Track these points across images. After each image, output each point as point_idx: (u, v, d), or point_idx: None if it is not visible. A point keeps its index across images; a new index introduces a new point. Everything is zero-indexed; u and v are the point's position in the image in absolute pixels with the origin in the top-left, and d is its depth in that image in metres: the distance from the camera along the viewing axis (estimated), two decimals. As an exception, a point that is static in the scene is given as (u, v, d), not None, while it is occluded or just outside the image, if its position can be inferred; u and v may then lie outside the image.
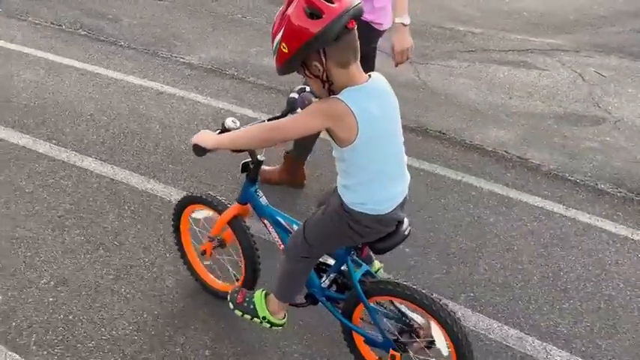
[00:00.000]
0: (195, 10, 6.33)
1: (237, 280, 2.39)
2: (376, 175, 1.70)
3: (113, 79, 4.44)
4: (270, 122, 1.81)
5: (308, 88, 1.97)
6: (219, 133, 1.91)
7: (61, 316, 2.31)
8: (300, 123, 1.69)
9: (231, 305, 2.07)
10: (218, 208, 2.22)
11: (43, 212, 2.88)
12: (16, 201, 2.94)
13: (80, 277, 2.50)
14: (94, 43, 5.19)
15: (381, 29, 2.81)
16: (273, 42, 1.61)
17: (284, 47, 1.56)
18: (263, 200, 2.14)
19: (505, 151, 3.84)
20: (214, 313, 2.38)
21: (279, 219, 2.13)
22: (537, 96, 4.77)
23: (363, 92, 1.61)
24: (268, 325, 2.03)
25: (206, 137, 1.84)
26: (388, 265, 2.43)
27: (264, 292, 2.05)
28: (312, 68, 1.59)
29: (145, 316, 2.35)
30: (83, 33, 5.42)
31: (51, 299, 2.39)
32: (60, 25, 5.55)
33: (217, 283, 2.46)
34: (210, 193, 2.30)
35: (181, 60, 4.96)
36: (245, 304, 2.04)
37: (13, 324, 2.26)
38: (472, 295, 2.59)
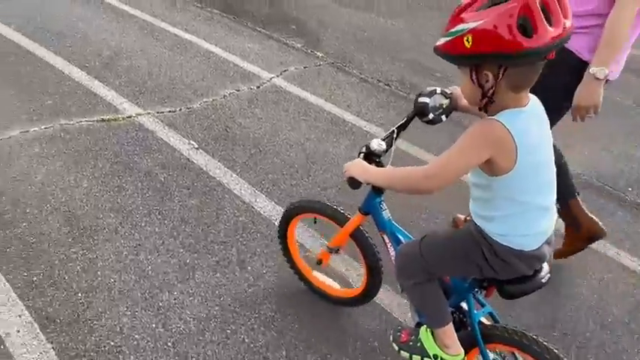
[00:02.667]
0: None
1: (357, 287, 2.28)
2: (527, 207, 1.47)
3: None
4: (424, 168, 1.49)
5: (439, 90, 1.77)
6: (364, 155, 1.76)
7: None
8: (460, 161, 1.41)
9: (395, 346, 1.82)
10: (335, 217, 2.09)
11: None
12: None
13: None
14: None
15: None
16: (453, 24, 1.33)
17: (467, 40, 1.29)
18: (386, 214, 1.94)
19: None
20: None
21: (399, 236, 1.93)
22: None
23: (524, 116, 1.39)
24: None
25: (359, 170, 1.67)
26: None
27: (428, 328, 1.76)
28: (481, 76, 1.36)
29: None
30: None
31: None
32: (388, 85, 4.56)
33: (336, 290, 2.31)
34: (325, 202, 2.17)
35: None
36: (411, 344, 1.78)
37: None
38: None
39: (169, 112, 3.68)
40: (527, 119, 1.39)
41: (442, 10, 6.20)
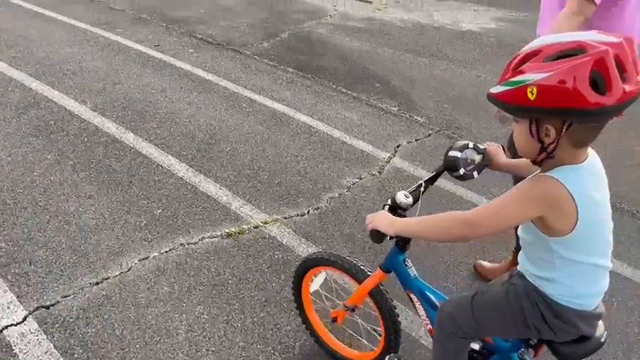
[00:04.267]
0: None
1: (373, 349, 2.08)
2: (589, 268, 1.35)
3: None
4: (466, 214, 1.36)
5: (471, 145, 1.67)
6: (389, 208, 1.62)
7: None
8: (507, 212, 1.30)
9: None
10: (354, 273, 1.93)
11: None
12: None
13: None
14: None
15: None
16: (514, 71, 1.21)
17: (532, 92, 1.17)
18: (412, 271, 1.79)
19: None
20: None
21: (429, 295, 1.78)
22: None
23: (582, 172, 1.27)
24: None
25: (385, 222, 1.52)
26: None
27: None
28: (542, 130, 1.23)
29: None
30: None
31: None
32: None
33: (352, 353, 2.15)
34: (346, 256, 1.96)
35: None
36: None
37: None
38: None
39: (298, 216, 3.08)
40: (587, 177, 1.28)
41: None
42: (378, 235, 1.53)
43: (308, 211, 3.13)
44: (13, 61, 4.89)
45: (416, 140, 4.11)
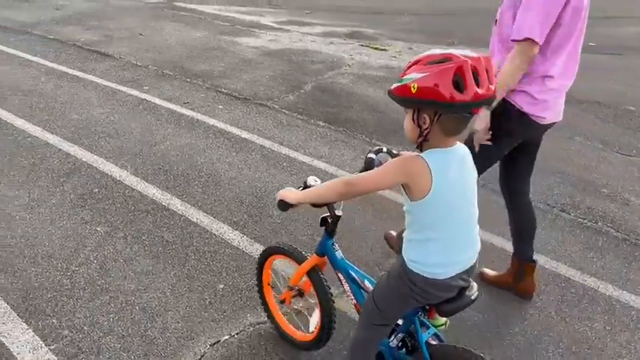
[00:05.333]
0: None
1: (312, 331, 2.38)
2: (439, 237, 1.65)
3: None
4: (348, 177, 1.74)
5: (385, 149, 2.02)
6: (302, 189, 1.93)
7: None
8: (378, 178, 1.65)
9: None
10: (297, 258, 2.27)
11: None
12: None
13: None
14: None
15: (543, 122, 2.54)
16: (405, 73, 1.57)
17: (414, 87, 1.53)
18: (339, 254, 2.15)
19: None
20: None
21: (353, 274, 2.12)
22: None
23: (446, 155, 1.61)
24: None
25: (290, 193, 1.87)
26: None
27: None
28: (421, 118, 1.58)
29: None
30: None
31: None
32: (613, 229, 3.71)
33: (297, 334, 2.47)
34: (291, 244, 2.34)
35: None
36: None
37: None
38: None
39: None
40: (450, 159, 1.60)
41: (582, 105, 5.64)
42: (284, 205, 1.88)
43: (373, 281, 2.99)
44: (47, 125, 4.81)
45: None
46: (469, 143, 2.33)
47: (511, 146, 2.65)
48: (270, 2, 13.35)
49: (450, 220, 1.63)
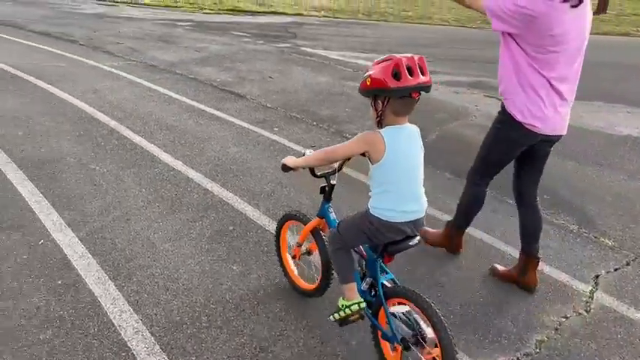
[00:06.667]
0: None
1: (315, 281, 2.94)
2: (391, 189, 2.19)
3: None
4: (329, 147, 2.33)
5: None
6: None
7: None
8: (348, 147, 2.22)
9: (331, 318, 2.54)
10: (305, 222, 2.83)
11: None
12: None
13: None
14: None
15: (538, 132, 2.89)
16: (367, 71, 2.15)
17: (368, 80, 2.11)
18: (332, 215, 2.69)
19: None
20: None
21: None
22: None
23: (398, 131, 2.16)
24: (349, 311, 2.42)
25: (289, 160, 2.52)
26: None
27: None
28: (376, 103, 2.16)
29: None
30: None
31: None
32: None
33: (303, 283, 3.04)
34: (300, 211, 2.99)
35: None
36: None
37: None
38: None
39: (506, 363, 2.69)
40: (400, 133, 2.16)
41: None
42: (285, 167, 2.50)
43: (517, 358, 2.71)
44: (188, 160, 5.10)
45: (615, 270, 3.59)
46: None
47: (514, 151, 3.04)
48: (390, 50, 13.50)
49: (399, 178, 2.17)
